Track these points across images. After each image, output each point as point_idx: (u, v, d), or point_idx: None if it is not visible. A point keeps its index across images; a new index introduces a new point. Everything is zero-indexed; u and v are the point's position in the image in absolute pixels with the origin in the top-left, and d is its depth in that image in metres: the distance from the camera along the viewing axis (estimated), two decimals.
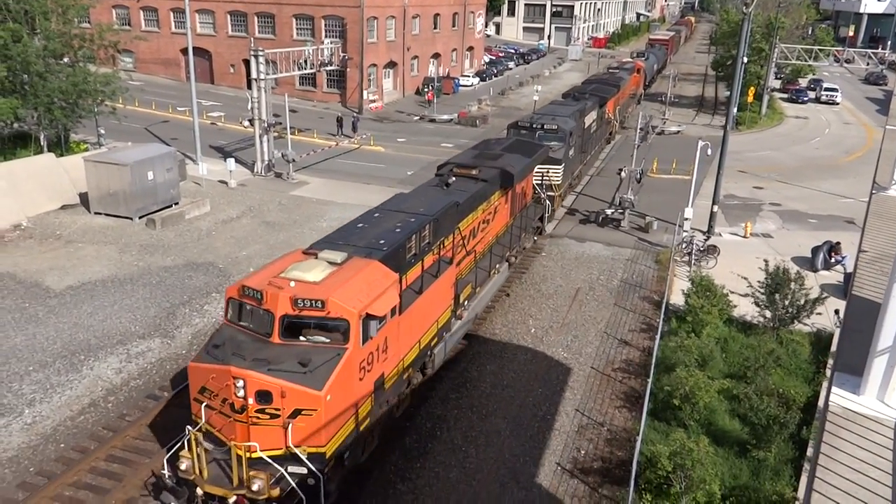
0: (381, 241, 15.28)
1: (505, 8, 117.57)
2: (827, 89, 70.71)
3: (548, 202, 28.87)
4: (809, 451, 14.84)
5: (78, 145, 36.58)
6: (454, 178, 20.09)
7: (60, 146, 35.10)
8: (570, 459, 16.28)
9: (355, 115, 47.24)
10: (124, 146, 35.00)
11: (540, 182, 27.83)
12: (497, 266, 22.76)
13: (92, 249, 26.91)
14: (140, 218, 29.64)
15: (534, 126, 30.41)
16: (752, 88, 56.63)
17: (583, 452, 16.55)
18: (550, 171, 28.56)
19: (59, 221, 29.46)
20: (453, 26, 75.39)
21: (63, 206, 30.80)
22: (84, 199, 30.76)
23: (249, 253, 27.33)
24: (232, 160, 36.09)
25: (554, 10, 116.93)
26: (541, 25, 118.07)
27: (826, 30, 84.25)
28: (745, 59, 42.72)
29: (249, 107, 37.18)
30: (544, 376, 19.64)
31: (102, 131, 38.44)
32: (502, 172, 21.69)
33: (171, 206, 30.86)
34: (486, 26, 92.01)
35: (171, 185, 31.01)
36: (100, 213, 29.98)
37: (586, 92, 40.55)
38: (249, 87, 38.59)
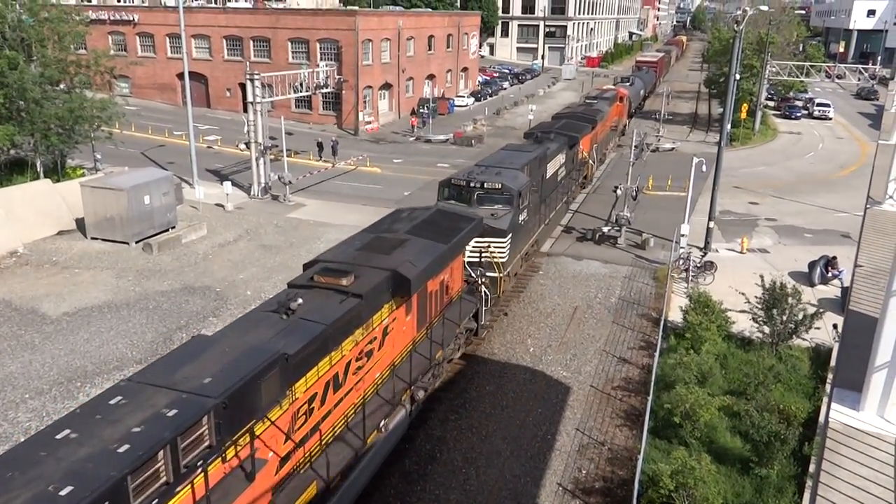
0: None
1: (499, 29, 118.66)
2: (819, 105, 71.25)
3: (486, 291, 21.60)
4: (811, 468, 14.74)
5: (74, 171, 36.68)
6: (309, 294, 13.60)
7: (57, 172, 35.18)
8: (572, 480, 16.15)
9: (334, 139, 47.15)
10: (121, 171, 35.05)
11: (478, 259, 21.88)
12: (384, 420, 15.10)
13: (88, 275, 26.84)
14: (137, 242, 29.61)
15: (471, 185, 23.23)
16: (744, 105, 57.06)
17: (584, 472, 16.41)
18: (492, 245, 22.13)
19: (55, 247, 29.41)
20: (448, 48, 76.01)
21: (59, 232, 30.78)
22: (80, 224, 30.75)
23: (247, 276, 27.28)
24: (228, 183, 36.17)
25: (547, 30, 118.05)
26: (534, 45, 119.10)
27: (817, 46, 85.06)
28: (738, 77, 43.04)
29: (246, 130, 37.37)
30: (544, 396, 19.54)
31: (99, 156, 38.56)
32: (393, 277, 14.91)
33: (167, 230, 30.86)
34: (480, 47, 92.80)
35: (168, 209, 31.02)
36: (96, 239, 29.95)
37: (552, 131, 33.11)
38: (246, 110, 38.79)
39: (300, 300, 12.85)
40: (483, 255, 22.05)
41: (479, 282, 21.30)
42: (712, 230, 30.62)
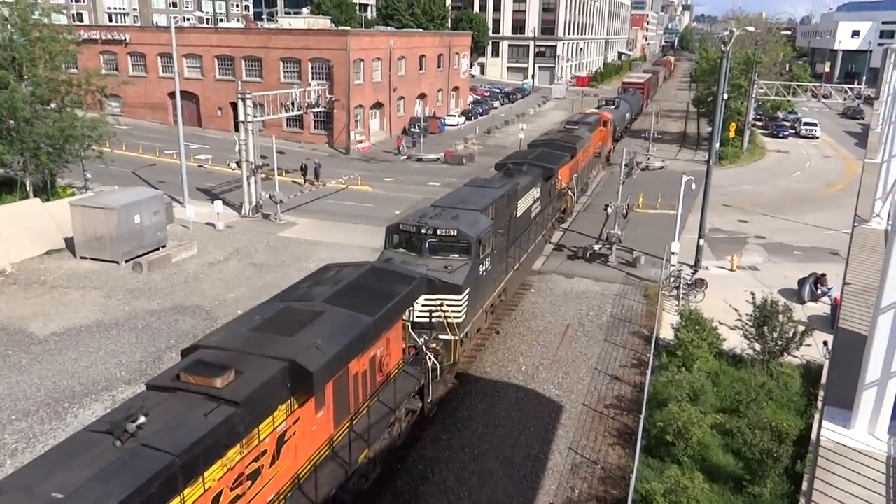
0: None
1: (489, 49, 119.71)
2: (806, 124, 72.09)
3: (436, 360, 18.08)
4: (804, 486, 14.71)
5: (64, 190, 36.54)
6: (169, 402, 10.57)
7: (46, 191, 35.03)
8: (565, 499, 16.05)
9: (317, 161, 47.02)
10: (111, 190, 34.98)
11: (428, 320, 18.94)
12: None
13: (77, 295, 26.64)
14: (126, 262, 29.46)
15: (422, 231, 20.02)
16: (733, 124, 57.65)
17: (577, 492, 16.32)
18: (445, 303, 19.02)
19: (44, 267, 29.21)
20: (439, 67, 76.53)
21: (48, 252, 30.58)
22: (70, 243, 30.57)
23: (237, 295, 27.15)
24: (219, 202, 36.12)
25: (537, 50, 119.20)
26: (525, 65, 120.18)
27: (803, 66, 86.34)
28: (726, 96, 43.51)
29: (237, 149, 37.38)
30: (536, 414, 19.47)
31: (89, 175, 38.44)
32: (291, 370, 11.74)
33: (157, 249, 30.72)
34: (470, 67, 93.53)
35: (158, 228, 30.92)
36: (85, 258, 29.77)
37: (525, 162, 30.02)
38: (237, 129, 38.83)
39: (143, 418, 9.59)
40: (434, 314, 18.94)
41: (426, 349, 17.86)
42: (702, 248, 30.76)
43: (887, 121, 13.96)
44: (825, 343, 21.19)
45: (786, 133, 70.37)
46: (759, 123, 72.81)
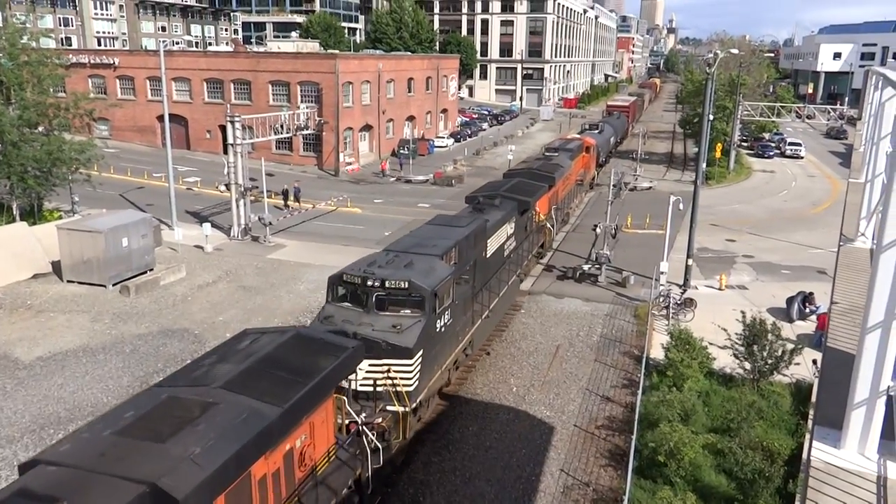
0: None
1: (477, 71, 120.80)
2: (791, 144, 73.00)
3: (377, 441, 15.31)
4: None
5: (51, 213, 36.31)
6: None
7: (33, 214, 34.81)
8: None
9: (296, 185, 46.91)
10: (99, 213, 34.80)
11: (372, 388, 16.52)
12: None
13: (63, 319, 26.38)
14: (114, 285, 29.23)
15: (368, 283, 17.49)
16: (719, 144, 58.29)
17: None
18: (393, 369, 16.53)
19: (30, 291, 28.93)
20: (427, 89, 77.06)
21: (35, 276, 30.31)
22: (57, 267, 30.33)
23: (226, 318, 26.97)
24: (208, 225, 36.00)
25: (525, 72, 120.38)
26: (513, 87, 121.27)
27: (787, 88, 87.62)
28: (711, 117, 44.02)
29: (226, 171, 37.35)
30: (527, 436, 19.37)
31: (76, 199, 38.26)
32: (153, 496, 8.89)
33: (145, 272, 30.52)
34: (459, 89, 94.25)
35: (146, 251, 30.75)
36: (72, 282, 29.52)
37: (498, 194, 27.52)
38: (226, 152, 38.83)
39: None
40: (380, 382, 16.51)
41: (366, 429, 15.06)
42: (691, 267, 30.92)
43: (870, 141, 14.16)
44: (814, 361, 21.26)
45: (771, 153, 71.19)
46: (745, 144, 73.68)
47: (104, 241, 28.65)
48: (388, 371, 16.54)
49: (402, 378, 16.66)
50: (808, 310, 27.40)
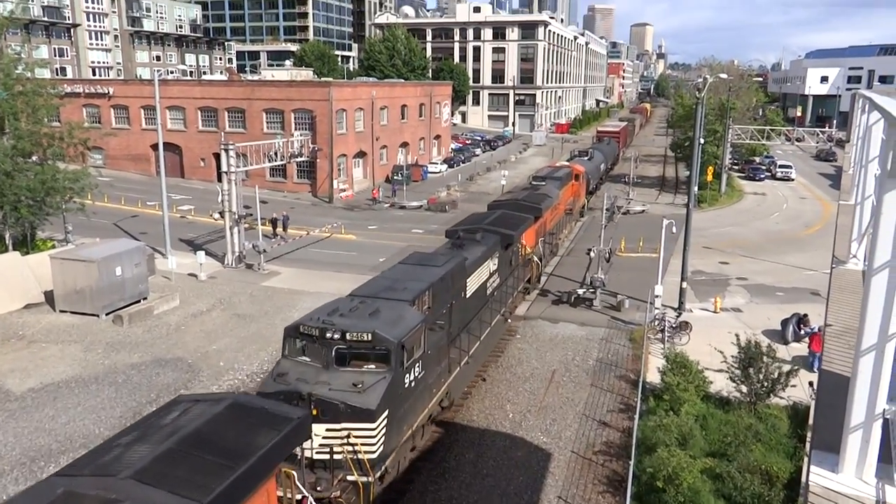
0: None
1: (470, 97, 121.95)
2: (781, 166, 73.67)
3: None
4: None
5: (44, 243, 36.19)
6: None
7: (26, 244, 34.68)
8: None
9: (284, 214, 46.72)
10: (92, 242, 34.70)
11: (328, 455, 14.97)
12: None
13: (56, 349, 26.17)
14: (107, 315, 29.06)
15: (327, 335, 15.85)
16: (710, 168, 58.77)
17: None
18: (353, 434, 14.86)
19: (22, 321, 28.73)
20: (420, 116, 77.66)
21: (27, 305, 30.12)
22: (49, 297, 30.16)
23: (220, 346, 26.81)
24: (202, 253, 35.94)
25: (517, 98, 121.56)
26: (505, 113, 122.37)
27: (776, 111, 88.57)
28: (702, 141, 44.41)
29: (220, 199, 37.38)
30: (524, 463, 19.20)
31: (70, 228, 38.17)
32: None
33: (139, 301, 30.38)
34: (452, 115, 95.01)
35: (140, 280, 30.64)
36: (65, 312, 29.34)
37: (480, 228, 26.09)
38: (220, 179, 38.92)
39: None
40: (337, 449, 14.88)
41: None
42: (685, 290, 30.98)
43: (858, 163, 14.32)
44: (811, 384, 21.22)
45: (762, 176, 71.77)
46: (736, 167, 74.32)
47: (97, 270, 28.54)
48: (348, 436, 14.72)
49: (363, 444, 14.81)
50: (803, 331, 27.42)
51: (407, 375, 16.50)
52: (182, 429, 10.95)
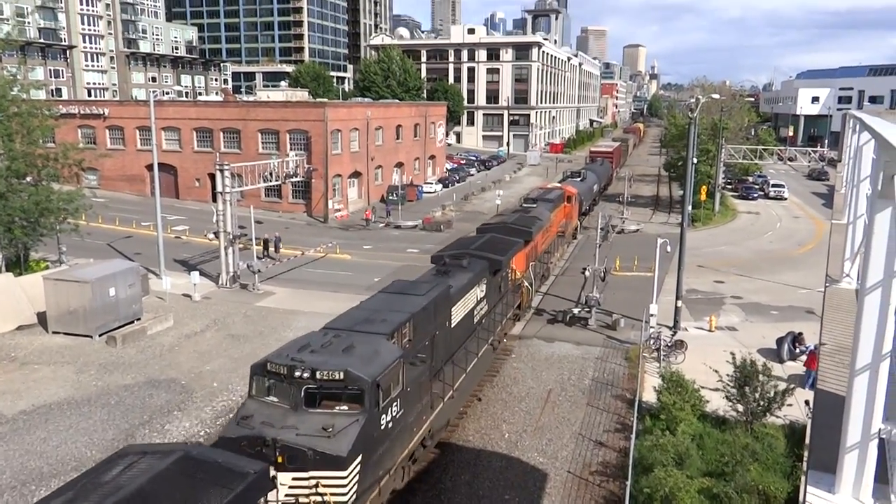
0: None
1: (465, 118, 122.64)
2: (774, 185, 74.17)
3: None
4: None
5: (38, 264, 36.03)
6: None
7: (19, 265, 34.53)
8: None
9: (276, 235, 46.58)
10: (86, 263, 34.58)
11: None
12: None
13: (48, 370, 25.96)
14: (100, 336, 28.88)
15: (295, 374, 14.71)
16: (703, 187, 59.12)
17: None
18: (323, 483, 13.88)
19: (14, 343, 28.52)
20: (415, 136, 78.03)
21: (20, 327, 29.93)
22: (42, 318, 29.98)
23: (214, 367, 26.65)
24: (196, 273, 35.85)
25: (511, 118, 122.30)
26: (499, 133, 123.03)
27: (768, 131, 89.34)
28: (695, 160, 44.69)
29: (214, 219, 37.36)
30: (521, 484, 19.06)
31: (64, 249, 38.06)
32: None
33: (132, 322, 30.22)
34: (447, 135, 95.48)
35: (134, 300, 30.50)
36: (58, 333, 29.15)
37: (467, 253, 25.17)
38: (215, 200, 38.92)
39: None
40: (303, 500, 13.89)
41: None
42: (680, 309, 31.00)
43: (850, 183, 14.44)
44: (807, 402, 21.20)
45: (755, 195, 72.20)
46: (730, 186, 74.77)
47: (91, 290, 28.42)
48: (317, 486, 13.68)
49: (333, 493, 13.70)
50: (798, 350, 27.44)
51: (383, 416, 15.31)
52: (123, 488, 10.03)
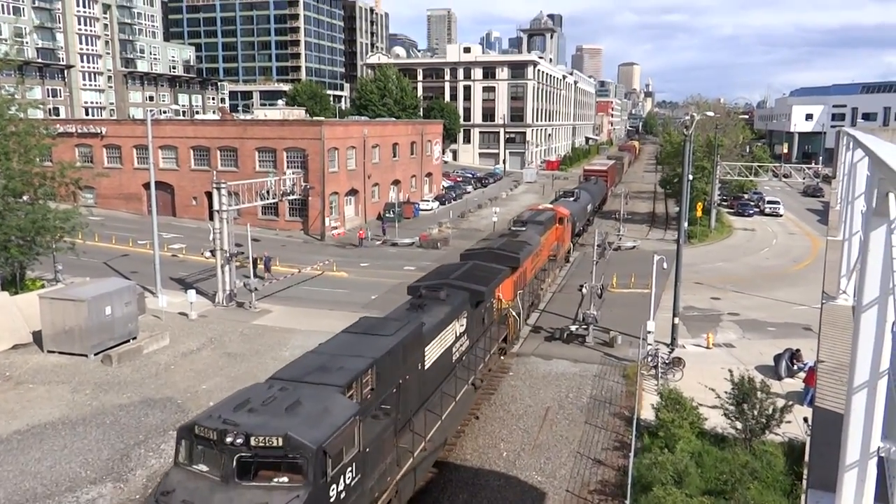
0: None
1: (461, 135, 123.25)
2: (770, 202, 74.49)
3: None
4: None
5: (34, 282, 35.93)
6: None
7: (15, 283, 34.43)
8: None
9: (266, 255, 46.14)
10: (82, 282, 34.51)
11: None
12: None
13: (43, 390, 25.80)
14: (96, 355, 28.74)
15: (227, 440, 12.40)
16: (699, 204, 59.34)
17: None
18: None
19: (9, 362, 28.36)
20: (412, 154, 78.32)
21: (15, 346, 29.78)
22: (38, 337, 29.84)
23: (210, 386, 26.51)
24: (193, 291, 35.76)
25: (507, 136, 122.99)
26: (496, 151, 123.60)
27: (763, 148, 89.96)
28: (691, 177, 44.88)
29: (211, 238, 37.35)
30: (519, 503, 18.92)
31: (60, 267, 37.98)
32: None
33: (128, 340, 30.09)
34: (443, 153, 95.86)
35: (130, 319, 30.39)
36: (53, 352, 29.00)
37: (445, 283, 23.09)
38: (212, 218, 38.93)
39: None
40: None
41: None
42: (678, 326, 30.99)
43: (845, 200, 14.52)
44: (805, 419, 21.13)
45: (751, 211, 72.47)
46: (725, 202, 75.05)
47: (87, 309, 28.31)
48: None
49: None
50: (795, 367, 27.40)
51: (334, 486, 12.92)
52: None
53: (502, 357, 28.88)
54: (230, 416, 12.79)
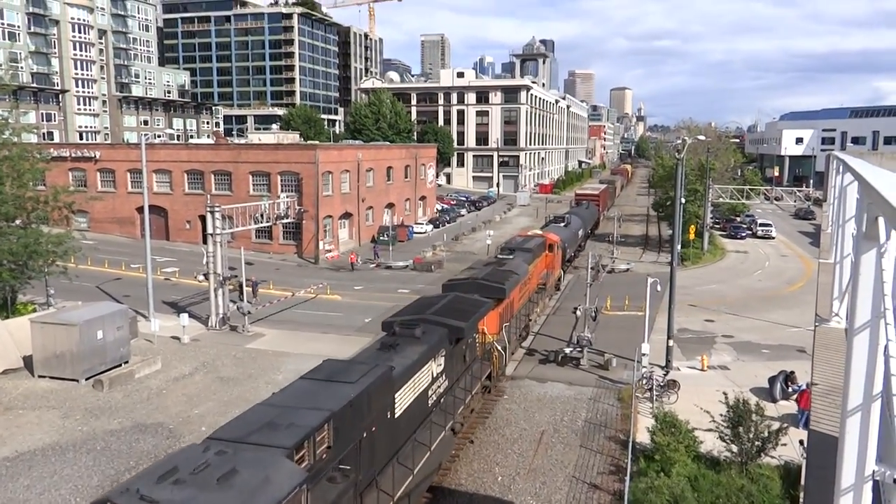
0: None
1: (455, 159, 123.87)
2: (762, 224, 74.95)
3: None
4: None
5: (25, 306, 35.71)
6: None
7: (6, 308, 34.21)
8: None
9: (254, 279, 45.57)
10: (74, 305, 34.31)
11: None
12: None
13: (33, 416, 25.51)
14: (87, 379, 28.48)
15: None
16: (692, 226, 59.66)
17: None
18: None
19: None
20: (406, 177, 78.62)
21: (5, 371, 29.48)
22: (28, 362, 29.57)
23: (202, 411, 26.27)
24: (185, 315, 35.58)
25: (501, 160, 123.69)
26: (489, 174, 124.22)
27: (754, 171, 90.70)
28: (683, 200, 45.17)
29: (205, 261, 37.27)
30: None
31: (52, 291, 37.77)
32: None
33: (120, 365, 29.86)
34: (437, 176, 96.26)
35: (122, 343, 30.19)
36: (44, 377, 28.72)
37: (418, 321, 20.94)
38: (205, 241, 38.88)
39: None
40: None
41: None
42: (672, 348, 30.98)
43: (835, 223, 14.63)
44: (801, 442, 21.07)
45: (743, 234, 72.85)
46: (718, 225, 75.44)
47: (78, 333, 28.11)
48: None
49: None
50: (790, 389, 27.38)
51: None
52: None
53: (485, 395, 26.79)
54: (150, 490, 10.62)
